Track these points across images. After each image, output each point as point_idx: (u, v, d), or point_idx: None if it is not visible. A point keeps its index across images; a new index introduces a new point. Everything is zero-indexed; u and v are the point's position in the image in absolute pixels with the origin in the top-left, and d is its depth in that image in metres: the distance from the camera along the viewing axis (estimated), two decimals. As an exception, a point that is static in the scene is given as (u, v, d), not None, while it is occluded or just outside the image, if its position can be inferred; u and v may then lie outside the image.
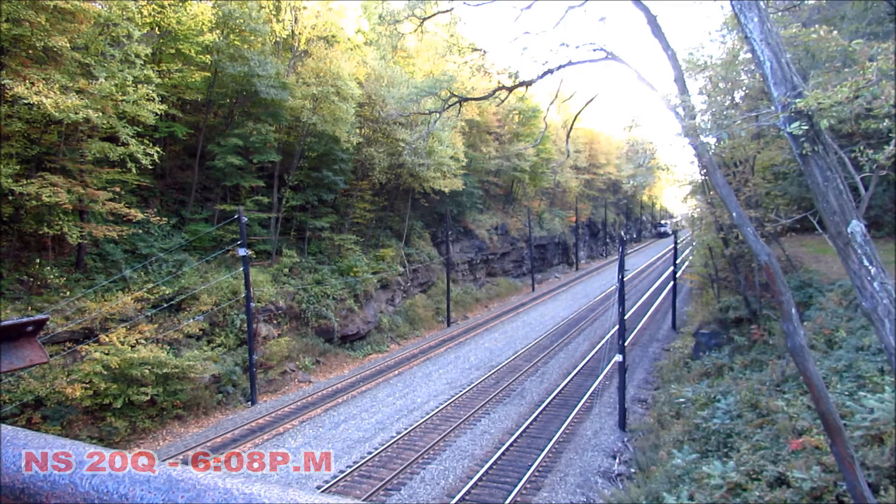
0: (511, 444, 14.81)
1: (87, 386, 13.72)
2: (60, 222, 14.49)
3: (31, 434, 0.91)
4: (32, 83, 12.70)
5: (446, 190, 30.73)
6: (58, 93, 12.80)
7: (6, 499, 0.83)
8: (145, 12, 16.84)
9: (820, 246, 20.37)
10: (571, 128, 19.80)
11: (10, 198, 13.80)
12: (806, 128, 5.97)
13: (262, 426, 16.29)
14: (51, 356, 13.67)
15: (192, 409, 16.80)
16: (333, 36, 25.43)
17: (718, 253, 21.79)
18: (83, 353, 14.24)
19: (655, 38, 9.00)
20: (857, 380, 10.61)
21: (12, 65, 13.31)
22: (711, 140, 10.61)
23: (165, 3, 17.64)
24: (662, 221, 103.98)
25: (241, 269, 18.33)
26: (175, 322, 17.10)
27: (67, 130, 15.22)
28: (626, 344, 17.36)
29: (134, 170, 15.51)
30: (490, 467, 13.54)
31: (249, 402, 18.17)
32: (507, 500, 12.07)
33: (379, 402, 18.34)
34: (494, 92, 12.80)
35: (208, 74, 20.09)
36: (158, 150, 15.72)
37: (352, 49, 27.90)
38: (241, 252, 17.81)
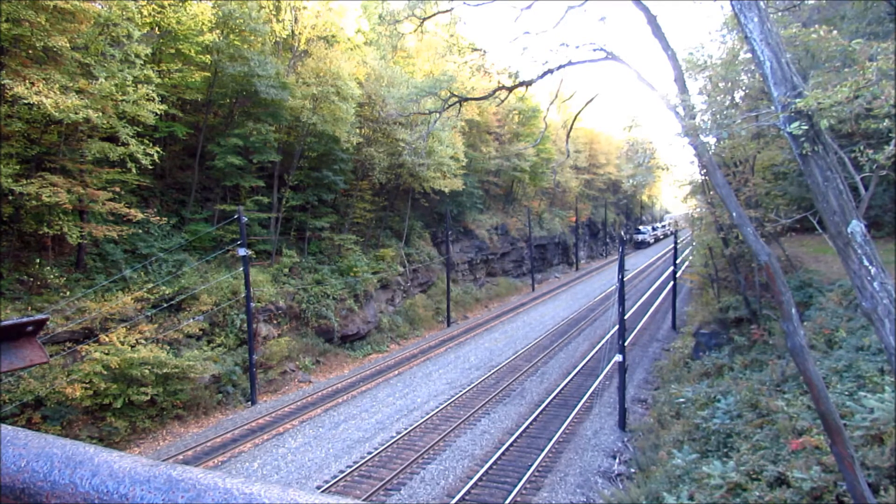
0: (511, 444, 14.81)
1: (87, 386, 13.73)
2: (60, 222, 14.49)
3: (31, 434, 0.91)
4: (32, 83, 12.70)
5: (446, 190, 30.72)
6: (58, 93, 12.80)
7: (6, 499, 0.83)
8: (145, 12, 16.85)
9: (820, 246, 20.37)
10: (571, 128, 19.80)
11: (10, 198, 13.81)
12: (806, 128, 5.97)
13: (262, 426, 16.30)
14: (51, 356, 13.67)
15: (192, 409, 16.81)
16: (333, 36, 25.43)
17: (718, 253, 21.77)
18: (83, 353, 14.25)
19: (655, 38, 9.00)
20: (857, 380, 10.60)
21: (12, 65, 13.31)
22: (711, 140, 10.62)
23: (165, 3, 17.64)
24: (641, 227, 76.49)
25: (241, 269, 18.34)
26: (175, 322, 17.10)
27: (67, 130, 15.22)
28: (626, 344, 17.36)
29: (134, 170, 15.51)
30: (490, 467, 13.54)
31: (249, 402, 18.17)
32: (507, 500, 12.07)
33: (379, 402, 18.34)
34: (494, 92, 12.81)
35: (208, 74, 20.09)
36: (158, 150, 15.72)
37: (352, 49, 27.89)
38: (241, 252, 17.82)
